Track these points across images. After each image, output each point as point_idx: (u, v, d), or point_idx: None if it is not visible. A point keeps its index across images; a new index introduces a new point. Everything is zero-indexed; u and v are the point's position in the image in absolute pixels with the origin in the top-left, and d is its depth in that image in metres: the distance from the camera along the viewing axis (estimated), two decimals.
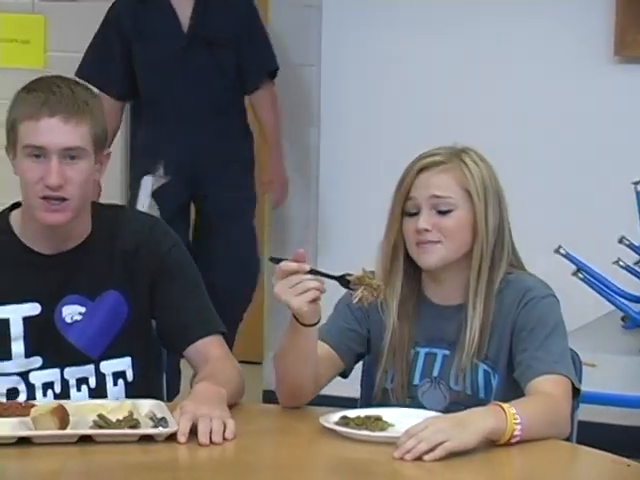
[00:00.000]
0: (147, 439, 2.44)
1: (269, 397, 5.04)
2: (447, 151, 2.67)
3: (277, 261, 2.49)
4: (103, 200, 3.30)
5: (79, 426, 2.46)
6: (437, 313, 2.70)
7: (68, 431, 2.44)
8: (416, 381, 2.69)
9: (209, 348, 2.74)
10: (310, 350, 2.60)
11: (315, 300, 2.47)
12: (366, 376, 2.86)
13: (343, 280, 2.50)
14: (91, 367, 2.74)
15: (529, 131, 4.85)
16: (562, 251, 3.96)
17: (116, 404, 2.57)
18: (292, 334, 2.57)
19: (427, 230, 2.62)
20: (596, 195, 4.73)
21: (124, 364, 2.77)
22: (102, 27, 4.99)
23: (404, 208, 2.65)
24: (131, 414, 2.49)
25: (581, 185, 4.78)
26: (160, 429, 2.45)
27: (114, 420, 2.46)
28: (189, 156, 4.92)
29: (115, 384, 2.76)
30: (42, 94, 2.62)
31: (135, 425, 2.46)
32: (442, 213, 2.63)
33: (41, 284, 2.72)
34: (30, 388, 2.72)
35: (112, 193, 5.01)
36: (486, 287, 2.63)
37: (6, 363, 2.71)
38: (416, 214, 2.63)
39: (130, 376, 2.77)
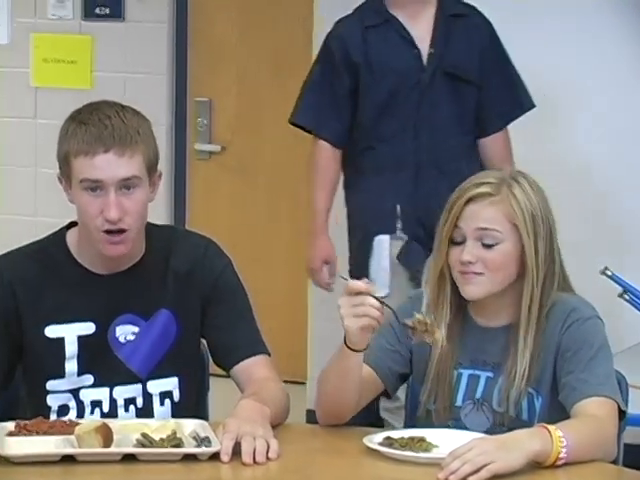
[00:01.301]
0: (190, 458, 2.43)
1: (313, 417, 5.02)
2: (497, 180, 2.63)
3: (345, 279, 2.54)
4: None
5: (123, 444, 2.45)
6: (481, 335, 2.67)
7: (112, 449, 2.44)
8: (459, 402, 2.66)
9: (254, 368, 2.74)
10: (355, 375, 2.59)
11: (368, 327, 2.47)
12: (411, 396, 2.84)
13: (402, 324, 2.54)
14: (139, 387, 2.74)
15: (579, 150, 4.79)
16: (608, 272, 3.94)
17: (160, 423, 2.57)
18: (339, 357, 2.57)
19: (470, 262, 2.60)
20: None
21: (171, 384, 2.76)
22: (321, 60, 4.11)
23: (451, 236, 2.63)
24: (174, 433, 2.49)
25: (629, 205, 4.73)
26: (203, 448, 2.44)
27: (157, 439, 2.46)
28: (428, 207, 3.75)
29: (162, 404, 2.75)
30: (94, 129, 2.61)
31: (178, 444, 2.45)
32: (487, 246, 2.60)
33: (96, 303, 2.72)
34: (80, 406, 2.71)
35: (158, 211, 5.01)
36: (537, 314, 2.60)
37: (59, 381, 2.71)
38: (462, 243, 2.61)
39: (177, 396, 2.76)
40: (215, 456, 2.41)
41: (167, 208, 5.92)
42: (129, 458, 2.42)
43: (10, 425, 2.53)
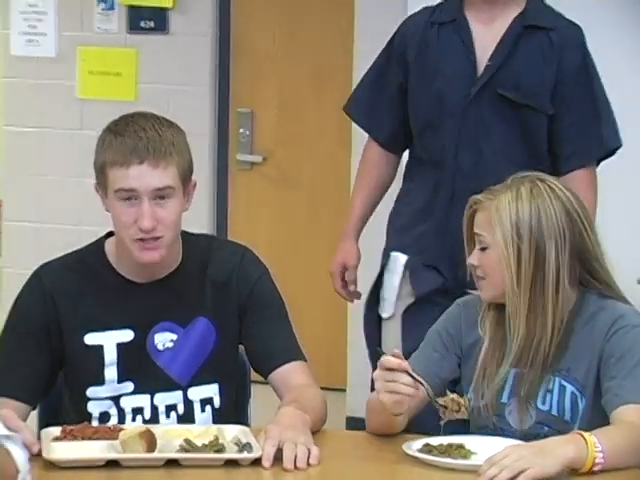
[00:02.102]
0: (232, 464, 2.43)
1: (352, 424, 5.03)
2: (498, 187, 2.64)
3: (381, 353, 2.55)
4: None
5: (166, 450, 2.46)
6: None
7: (155, 454, 2.44)
8: (504, 399, 2.65)
9: (292, 374, 2.74)
10: (399, 422, 2.61)
11: (402, 402, 2.49)
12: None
13: (435, 401, 2.56)
14: (179, 394, 2.74)
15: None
16: None
17: (202, 429, 2.57)
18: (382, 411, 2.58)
19: (474, 266, 2.64)
20: None
21: (211, 391, 2.76)
22: (382, 55, 3.57)
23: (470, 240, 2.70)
24: (216, 439, 2.49)
25: None
26: (245, 454, 2.44)
27: (200, 445, 2.46)
28: (459, 239, 3.07)
29: (203, 410, 2.75)
30: (129, 140, 2.62)
31: (220, 450, 2.45)
32: (482, 250, 2.64)
33: (134, 311, 2.72)
34: (121, 413, 2.72)
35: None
36: (527, 309, 2.58)
37: (99, 388, 2.71)
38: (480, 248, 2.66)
39: (217, 403, 2.76)
40: (256, 462, 2.41)
41: (209, 218, 5.93)
42: (172, 463, 2.42)
43: (56, 430, 2.54)
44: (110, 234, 2.77)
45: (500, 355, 2.66)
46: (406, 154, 3.61)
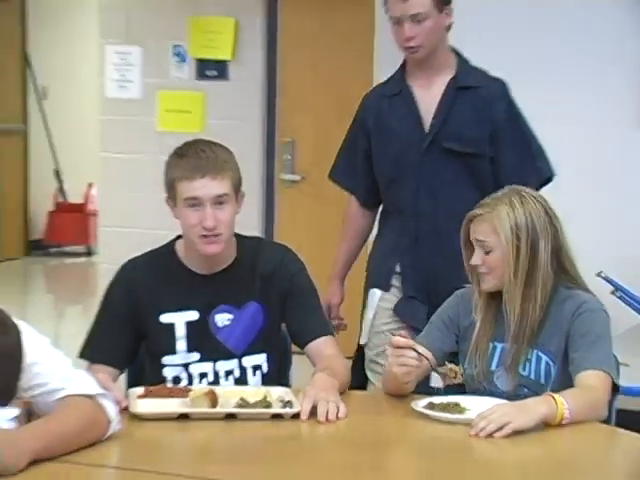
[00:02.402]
0: (277, 417, 2.45)
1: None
2: (491, 201, 2.62)
3: (392, 334, 2.62)
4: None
5: (225, 406, 2.47)
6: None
7: (217, 409, 2.45)
8: (493, 367, 2.65)
9: (323, 346, 2.74)
10: (408, 388, 2.61)
11: (409, 372, 2.52)
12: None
13: (435, 369, 2.60)
14: (235, 361, 2.74)
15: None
16: (603, 275, 3.92)
17: (254, 390, 2.58)
18: (395, 380, 2.59)
19: (478, 265, 2.62)
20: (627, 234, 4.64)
21: (261, 359, 2.76)
22: (352, 124, 3.40)
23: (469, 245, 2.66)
24: (265, 398, 2.50)
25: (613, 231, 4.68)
26: (287, 409, 2.45)
27: (252, 402, 2.47)
28: (429, 273, 3.24)
29: (254, 375, 2.75)
30: (193, 159, 2.63)
31: (268, 406, 2.47)
32: (486, 252, 2.61)
33: (199, 297, 2.72)
34: (190, 377, 2.72)
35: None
36: (520, 300, 2.58)
37: (172, 356, 2.72)
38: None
39: (265, 368, 2.76)
40: (296, 416, 2.43)
41: (259, 224, 5.94)
42: (230, 417, 2.44)
43: (139, 390, 2.56)
44: (178, 237, 2.78)
45: (489, 334, 2.65)
46: None
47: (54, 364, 2.25)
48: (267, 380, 2.73)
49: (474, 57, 3.29)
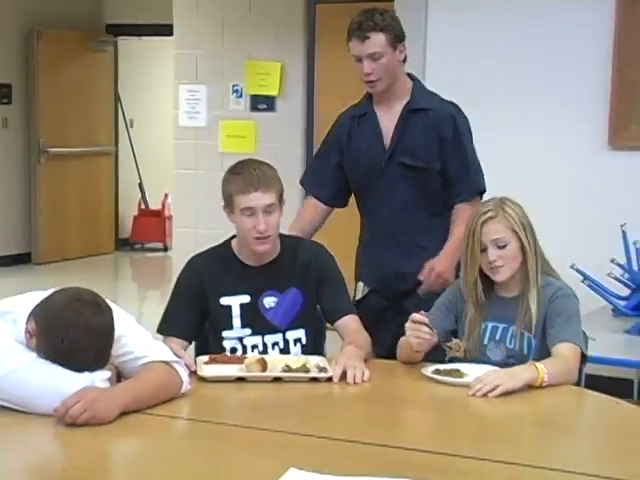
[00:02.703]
0: (314, 380, 2.44)
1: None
2: (493, 206, 2.58)
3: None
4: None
5: (273, 371, 2.46)
6: (501, 301, 2.62)
7: (267, 373, 2.45)
8: (485, 342, 2.62)
9: (349, 322, 2.72)
10: (420, 356, 2.59)
11: (424, 343, 2.51)
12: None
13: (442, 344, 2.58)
14: (280, 335, 2.72)
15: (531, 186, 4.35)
16: (575, 267, 3.87)
17: (295, 358, 2.56)
18: (410, 350, 2.56)
19: (494, 260, 2.57)
20: (592, 235, 4.54)
21: (300, 333, 2.74)
22: (327, 136, 3.22)
23: (480, 247, 2.59)
24: (305, 364, 2.48)
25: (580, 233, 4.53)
26: (323, 374, 2.44)
27: (294, 367, 2.46)
28: (390, 274, 3.07)
29: (295, 346, 2.73)
30: (247, 177, 2.62)
31: (307, 371, 2.45)
32: (501, 247, 2.57)
33: (250, 284, 2.71)
34: (244, 348, 2.70)
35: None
36: (536, 281, 2.56)
37: (230, 331, 2.70)
38: (485, 250, 2.57)
39: (304, 341, 2.74)
40: (329, 379, 2.42)
41: None
42: (277, 380, 2.43)
43: (205, 357, 2.56)
44: (233, 237, 2.77)
45: (481, 314, 2.61)
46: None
47: (138, 337, 2.25)
48: (305, 350, 2.71)
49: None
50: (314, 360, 2.53)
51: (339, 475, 1.76)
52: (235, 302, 2.70)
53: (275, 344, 2.71)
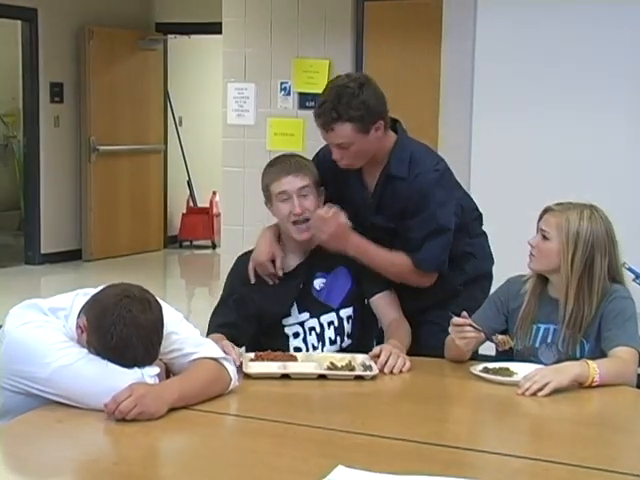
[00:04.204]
0: (359, 378, 2.44)
1: None
2: (567, 204, 2.54)
3: (451, 316, 2.53)
4: None
5: (319, 368, 2.47)
6: (552, 303, 2.58)
7: (312, 370, 2.45)
8: (537, 345, 2.59)
9: (384, 301, 2.77)
10: (467, 354, 2.59)
11: (470, 342, 2.51)
12: None
13: (490, 339, 2.56)
14: (334, 314, 2.75)
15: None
16: (626, 266, 3.79)
17: (341, 356, 2.56)
18: (458, 348, 2.56)
19: (531, 246, 2.56)
20: None
21: (351, 310, 2.77)
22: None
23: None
24: (350, 362, 2.49)
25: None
26: (367, 372, 2.45)
27: (339, 365, 2.47)
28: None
29: (348, 322, 2.75)
30: (279, 166, 2.73)
31: (352, 369, 2.46)
32: (544, 238, 2.54)
33: (300, 271, 2.76)
34: (304, 331, 2.75)
35: None
36: (574, 298, 2.50)
37: (289, 318, 2.75)
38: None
39: (354, 317, 2.77)
40: (374, 378, 2.43)
41: None
42: (322, 377, 2.44)
43: (251, 355, 2.57)
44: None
45: (533, 316, 2.58)
46: None
47: (187, 334, 2.28)
48: (356, 326, 2.75)
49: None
50: (359, 358, 2.53)
51: (387, 473, 1.76)
52: None
53: (330, 323, 2.74)
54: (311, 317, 2.74)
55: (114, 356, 2.09)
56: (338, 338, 2.74)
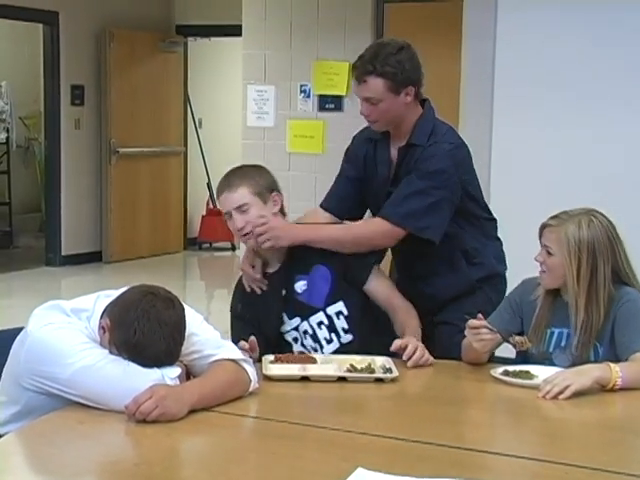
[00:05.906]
0: (379, 381, 2.44)
1: None
2: (564, 217, 2.52)
3: (467, 318, 2.52)
4: None
5: (339, 371, 2.47)
6: (565, 307, 2.57)
7: (332, 373, 2.46)
8: (551, 349, 2.58)
9: (376, 280, 2.78)
10: (485, 356, 2.59)
11: (487, 344, 2.51)
12: None
13: (507, 340, 2.55)
14: (321, 313, 2.74)
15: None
16: None
17: (360, 358, 2.56)
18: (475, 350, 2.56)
19: (539, 262, 2.55)
20: None
21: (340, 306, 2.75)
22: (344, 157, 3.05)
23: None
24: (370, 365, 2.49)
25: None
26: (388, 374, 2.45)
27: (359, 368, 2.47)
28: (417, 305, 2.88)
29: (338, 318, 2.74)
30: (220, 183, 2.73)
31: (372, 371, 2.46)
32: (548, 254, 2.53)
33: (280, 277, 2.77)
34: (300, 334, 2.76)
35: None
36: (584, 307, 2.48)
37: (284, 326, 2.77)
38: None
39: (345, 312, 2.74)
40: (393, 380, 2.42)
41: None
42: (342, 379, 2.45)
43: (271, 357, 2.58)
44: None
45: (547, 321, 2.57)
46: None
47: (207, 335, 2.29)
48: (350, 319, 2.72)
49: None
50: (379, 361, 2.53)
51: (407, 475, 1.76)
52: None
53: (320, 323, 2.73)
54: (302, 321, 2.75)
55: (135, 353, 2.10)
56: (333, 336, 2.73)
